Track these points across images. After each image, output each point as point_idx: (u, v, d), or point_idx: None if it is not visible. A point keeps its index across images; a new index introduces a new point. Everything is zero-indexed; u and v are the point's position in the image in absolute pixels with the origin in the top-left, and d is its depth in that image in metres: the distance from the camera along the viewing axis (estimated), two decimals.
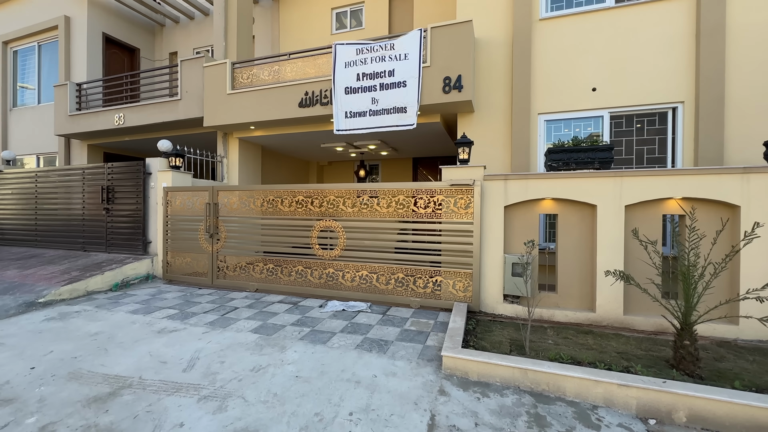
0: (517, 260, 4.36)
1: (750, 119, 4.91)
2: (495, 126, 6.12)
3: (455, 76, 5.69)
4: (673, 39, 5.27)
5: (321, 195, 5.22)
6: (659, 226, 4.04)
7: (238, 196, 5.75)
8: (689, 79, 5.20)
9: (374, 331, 4.01)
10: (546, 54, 5.83)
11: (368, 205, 4.97)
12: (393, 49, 6.04)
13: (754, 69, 4.91)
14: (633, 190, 4.01)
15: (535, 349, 3.39)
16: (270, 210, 5.53)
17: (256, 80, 7.13)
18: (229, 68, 7.22)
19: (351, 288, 5.08)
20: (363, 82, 6.20)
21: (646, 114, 5.53)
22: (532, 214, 4.49)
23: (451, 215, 4.60)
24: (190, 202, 6.10)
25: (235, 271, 5.80)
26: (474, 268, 4.51)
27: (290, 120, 6.93)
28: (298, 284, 5.38)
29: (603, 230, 4.10)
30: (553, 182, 4.29)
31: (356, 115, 6.26)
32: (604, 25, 5.58)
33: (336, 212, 5.16)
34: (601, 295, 4.11)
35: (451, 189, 4.60)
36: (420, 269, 4.77)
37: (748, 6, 4.92)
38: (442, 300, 4.66)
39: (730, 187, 3.72)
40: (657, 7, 5.36)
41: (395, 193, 4.84)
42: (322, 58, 6.66)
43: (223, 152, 8.18)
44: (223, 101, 7.29)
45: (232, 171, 8.12)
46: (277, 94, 6.82)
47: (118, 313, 4.66)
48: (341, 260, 5.14)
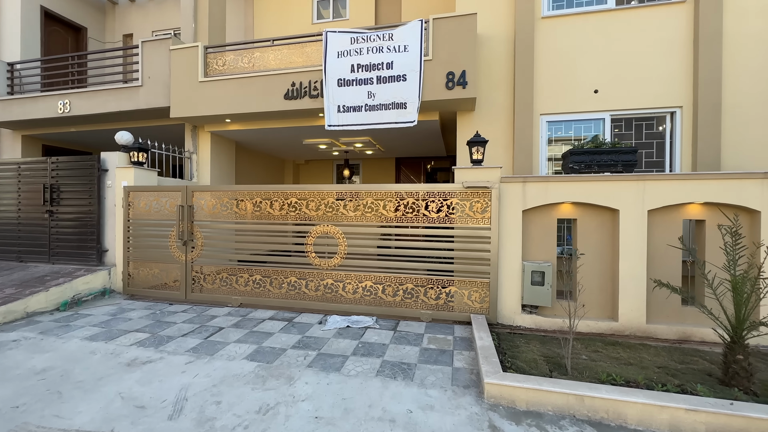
0: (537, 268, 4.10)
1: (744, 126, 5.04)
2: (496, 125, 5.88)
3: (459, 71, 5.36)
4: (672, 44, 5.31)
5: (318, 197, 4.66)
6: (679, 231, 3.94)
7: (219, 198, 5.02)
8: (687, 85, 5.26)
9: (391, 351, 3.54)
10: (548, 53, 5.68)
11: (372, 208, 4.49)
12: (392, 39, 5.60)
13: (749, 77, 5.04)
14: (656, 194, 3.88)
15: (574, 367, 3.12)
16: (257, 214, 4.87)
17: (233, 67, 6.37)
18: (201, 53, 6.39)
19: (353, 301, 4.57)
20: (358, 74, 5.70)
21: (645, 117, 5.55)
22: (550, 218, 4.25)
23: (467, 220, 4.25)
24: (157, 204, 5.26)
25: (214, 284, 5.06)
26: (492, 276, 4.18)
27: (274, 113, 6.26)
28: (290, 297, 4.77)
29: (626, 236, 3.94)
30: (574, 185, 4.07)
31: (350, 110, 5.74)
32: (605, 27, 5.52)
33: (335, 216, 4.62)
34: (624, 303, 3.95)
35: (466, 192, 4.24)
36: (431, 279, 4.37)
37: (744, 15, 5.05)
38: (455, 312, 4.30)
39: (751, 192, 3.69)
40: (657, 12, 5.37)
41: (404, 196, 4.41)
42: (310, 46, 6.06)
43: (192, 147, 7.29)
44: (194, 90, 6.45)
45: (203, 169, 7.25)
46: (259, 84, 6.12)
47: (72, 340, 3.81)
48: (342, 270, 4.61)
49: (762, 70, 5.01)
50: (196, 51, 6.42)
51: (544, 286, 4.09)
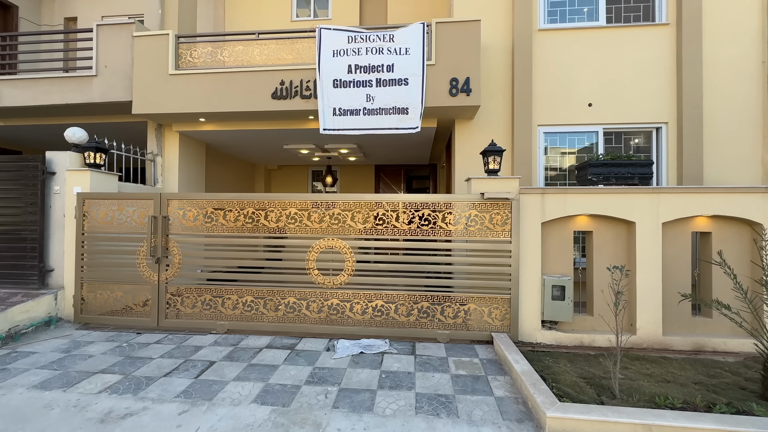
0: (557, 282, 3.98)
1: (720, 144, 5.40)
2: (494, 135, 5.79)
3: (463, 78, 5.20)
4: (658, 63, 5.59)
5: (323, 208, 4.19)
6: (688, 243, 4.04)
7: (201, 208, 4.34)
8: (672, 102, 5.55)
9: (420, 381, 3.18)
10: (545, 65, 5.72)
11: (384, 220, 4.12)
12: (392, 41, 5.31)
13: (724, 99, 5.43)
14: (669, 207, 3.94)
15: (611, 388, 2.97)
16: (249, 226, 4.27)
17: (212, 61, 5.68)
18: (172, 42, 5.63)
19: (362, 322, 4.14)
20: (356, 75, 5.32)
21: (633, 132, 5.77)
22: (567, 231, 4.17)
23: (486, 233, 4.03)
24: (122, 214, 4.44)
25: (194, 307, 4.34)
26: (512, 292, 3.99)
27: (259, 113, 5.66)
28: (288, 320, 4.22)
29: (642, 248, 3.96)
30: (592, 197, 4.03)
31: (347, 113, 5.34)
32: (597, 43, 5.69)
33: (342, 229, 4.18)
34: (642, 316, 3.95)
35: (485, 203, 4.03)
36: (449, 296, 4.07)
37: (720, 41, 5.44)
38: (474, 331, 4.04)
39: (754, 205, 3.86)
40: (643, 32, 5.64)
41: (418, 207, 4.09)
42: (301, 42, 5.58)
43: (157, 149, 6.40)
44: (163, 83, 5.65)
45: (170, 173, 6.39)
46: (243, 81, 5.50)
47: (14, 390, 2.98)
48: (349, 288, 4.16)
49: (735, 94, 5.42)
50: (166, 40, 5.64)
51: (565, 300, 3.97)
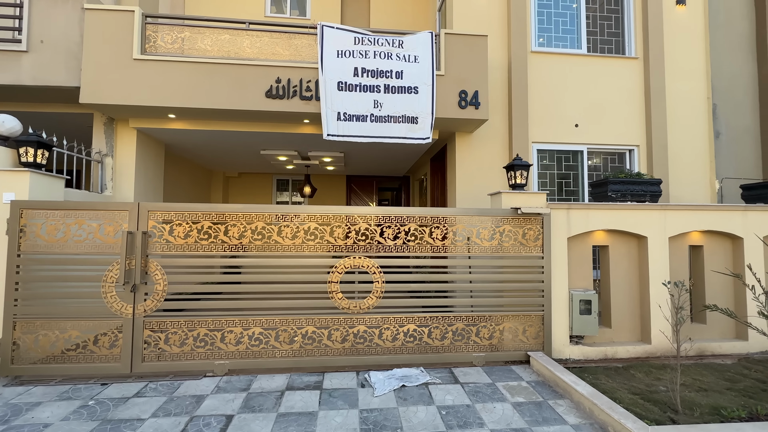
0: (584, 296, 4.02)
1: (681, 166, 6.13)
2: (493, 149, 5.85)
3: (472, 90, 5.17)
4: (631, 92, 6.20)
5: (348, 222, 3.71)
6: (686, 256, 4.41)
7: (194, 221, 3.54)
8: (642, 128, 6.18)
9: (486, 415, 2.89)
10: (538, 85, 5.97)
11: (416, 236, 3.79)
12: (401, 47, 5.08)
13: (682, 128, 6.20)
14: (674, 222, 4.27)
15: (668, 403, 3.03)
16: (258, 243, 3.60)
17: (190, 48, 4.83)
18: (138, 21, 4.67)
19: (392, 350, 3.71)
20: (363, 79, 4.96)
21: (610, 153, 6.29)
22: (586, 245, 4.28)
23: (519, 248, 3.93)
24: (81, 229, 3.43)
25: (183, 345, 3.48)
26: (545, 309, 3.93)
27: (249, 113, 4.95)
28: (306, 354, 3.61)
29: (653, 261, 4.21)
30: (611, 213, 4.19)
31: (353, 119, 4.93)
32: (581, 69, 6.13)
33: (369, 245, 3.74)
34: (656, 326, 4.16)
35: (518, 218, 3.94)
36: (484, 315, 3.86)
37: (676, 76, 6.23)
38: (509, 351, 3.88)
39: (736, 221, 4.37)
40: (619, 63, 6.23)
41: (452, 222, 3.85)
42: (299, 38, 5.05)
43: (106, 148, 5.22)
44: (124, 69, 4.64)
45: (122, 178, 5.25)
46: (230, 74, 4.77)
47: None
48: (377, 312, 3.72)
49: (690, 125, 6.23)
50: (130, 18, 4.66)
51: (591, 314, 4.03)
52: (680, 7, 6.36)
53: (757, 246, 4.37)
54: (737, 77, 6.42)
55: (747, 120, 6.40)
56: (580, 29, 6.26)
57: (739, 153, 6.33)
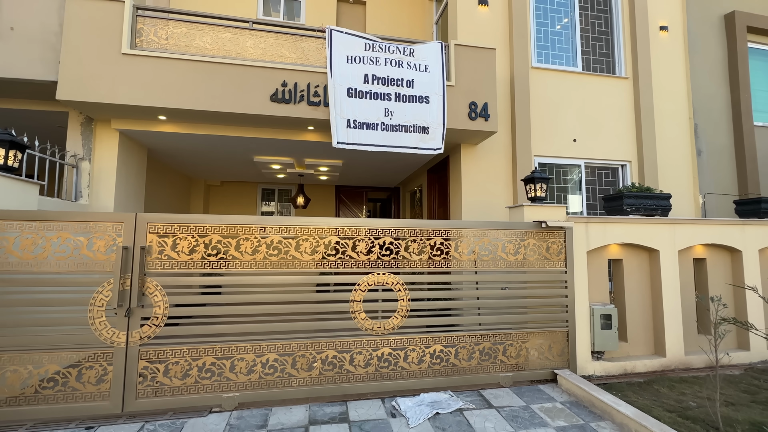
0: (604, 311, 3.99)
1: (670, 181, 6.42)
2: (497, 162, 5.83)
3: (481, 102, 5.13)
4: (622, 110, 6.45)
5: (371, 236, 3.46)
6: (691, 269, 4.53)
7: (201, 235, 3.14)
8: (634, 144, 6.43)
9: None
10: (539, 100, 6.06)
11: (442, 250, 3.60)
12: (412, 56, 4.97)
13: (668, 146, 6.52)
14: (682, 236, 4.38)
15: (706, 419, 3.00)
16: (274, 259, 3.25)
17: (186, 45, 4.44)
18: (128, 13, 4.23)
19: (417, 373, 3.46)
20: (373, 86, 4.78)
21: (604, 168, 6.48)
22: (602, 259, 4.28)
23: (544, 263, 3.85)
24: (63, 244, 2.93)
25: (186, 377, 3.04)
26: (570, 324, 3.85)
27: (251, 117, 4.59)
28: (326, 381, 3.27)
29: (665, 274, 4.27)
30: (626, 227, 4.22)
31: (364, 126, 4.72)
32: (578, 86, 6.31)
33: (395, 261, 3.50)
34: (669, 339, 4.21)
35: (542, 232, 3.87)
36: (511, 333, 3.71)
37: (662, 97, 6.58)
38: (535, 369, 3.74)
39: (734, 235, 4.55)
40: (610, 81, 6.48)
41: (480, 236, 3.70)
42: (306, 41, 4.80)
43: (83, 151, 4.65)
44: (111, 64, 4.16)
45: (101, 184, 4.68)
46: (231, 75, 4.41)
47: None
48: (403, 333, 3.46)
49: (675, 143, 6.57)
50: (119, 9, 4.21)
51: (612, 329, 3.99)
52: (663, 33, 6.76)
53: (755, 259, 4.57)
54: (714, 99, 6.89)
55: (724, 139, 6.85)
56: (575, 48, 6.48)
57: (718, 170, 6.73)
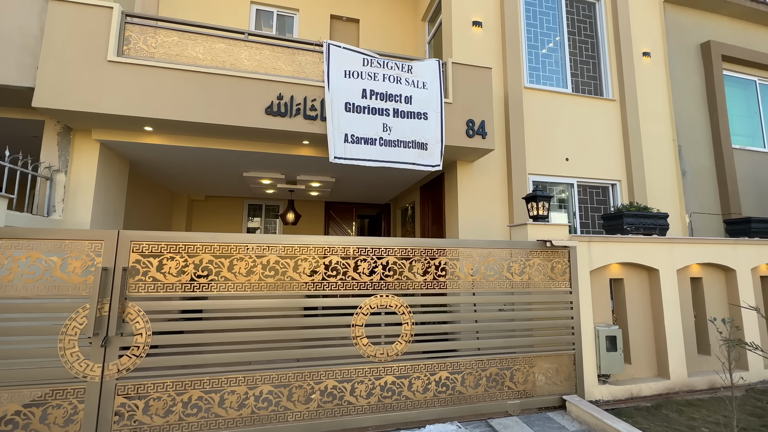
0: (609, 332, 3.90)
1: (658, 200, 6.55)
2: (493, 180, 5.81)
3: (478, 120, 5.12)
4: (611, 131, 6.60)
5: (375, 255, 3.28)
6: (689, 288, 4.54)
7: (192, 254, 2.89)
8: (623, 164, 6.56)
9: None
10: (532, 119, 6.13)
11: (447, 270, 3.45)
12: (411, 72, 4.94)
13: (655, 166, 6.69)
14: (680, 255, 4.39)
15: None
16: (270, 281, 3.02)
17: (178, 55, 4.25)
18: (116, 19, 4.03)
19: (422, 403, 3.23)
20: (371, 101, 4.70)
21: (595, 187, 6.56)
22: (604, 279, 4.22)
23: (549, 283, 3.75)
24: (33, 265, 2.62)
25: (169, 414, 2.71)
26: (576, 347, 3.73)
27: (245, 130, 4.40)
28: (324, 414, 3.00)
29: (665, 294, 4.25)
30: (627, 246, 4.20)
31: (361, 141, 4.60)
32: (569, 107, 6.44)
33: (398, 282, 3.32)
34: (672, 360, 4.14)
35: (547, 251, 3.78)
36: (517, 357, 3.55)
37: (648, 120, 6.79)
38: (543, 396, 3.58)
39: (727, 254, 4.61)
40: (599, 103, 6.65)
41: (486, 255, 3.57)
42: (303, 55, 4.70)
43: (60, 163, 4.32)
44: (95, 72, 3.92)
45: (78, 199, 4.34)
46: (226, 86, 4.24)
47: None
48: (407, 359, 3.25)
49: (661, 163, 6.75)
50: (107, 15, 4.01)
51: (617, 351, 3.90)
52: (646, 59, 7.05)
53: (748, 277, 4.63)
54: (695, 122, 7.17)
55: (706, 160, 7.10)
56: (565, 70, 6.64)
57: (702, 190, 6.94)
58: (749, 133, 7.88)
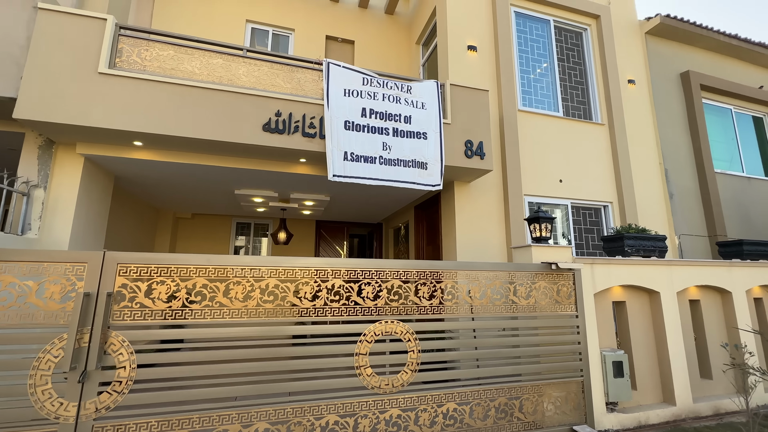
0: (615, 357, 3.81)
1: (649, 221, 6.65)
2: (489, 200, 5.79)
3: (477, 141, 5.14)
4: (602, 154, 6.75)
5: (379, 278, 3.12)
6: (688, 311, 4.53)
7: (184, 279, 2.67)
8: (614, 186, 6.68)
9: None
10: (527, 141, 6.20)
11: (453, 294, 3.32)
12: (410, 92, 4.95)
13: (645, 188, 6.84)
14: (679, 277, 4.40)
15: None
16: (269, 306, 2.81)
17: (173, 69, 4.11)
18: (110, 32, 3.89)
19: None
20: (371, 120, 4.65)
21: (588, 208, 6.63)
22: (607, 302, 4.17)
23: (555, 307, 3.66)
24: (5, 290, 2.36)
25: None
26: (585, 373, 3.61)
27: (242, 146, 4.26)
28: None
29: (667, 317, 4.21)
30: (630, 268, 4.19)
31: (361, 159, 4.51)
32: (561, 130, 6.56)
33: (403, 306, 3.16)
34: (678, 385, 4.07)
35: (552, 274, 3.71)
36: (526, 386, 3.40)
37: (636, 143, 6.98)
38: (554, 427, 3.42)
39: (722, 276, 4.65)
40: (589, 127, 6.82)
41: (492, 278, 3.47)
42: (302, 73, 4.65)
43: (38, 177, 4.05)
44: (83, 83, 3.74)
45: (57, 216, 4.05)
46: (223, 102, 4.11)
47: None
48: (413, 390, 3.05)
49: (650, 185, 6.92)
50: (100, 27, 3.87)
51: (624, 377, 3.80)
52: (631, 86, 7.32)
53: (743, 299, 4.66)
54: (679, 147, 7.42)
55: (690, 184, 7.32)
56: (556, 94, 6.82)
57: (688, 212, 7.11)
58: (727, 158, 8.21)
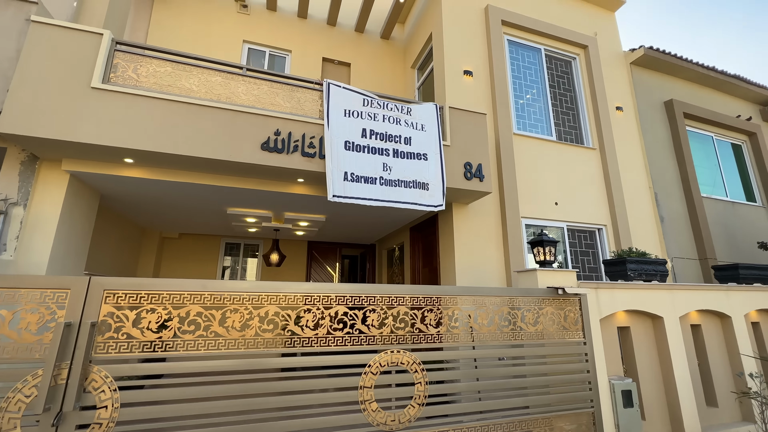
0: (624, 386, 3.70)
1: (642, 244, 6.72)
2: (487, 223, 5.75)
3: (476, 163, 5.14)
4: (594, 177, 6.86)
5: (385, 304, 2.97)
6: (690, 336, 4.48)
7: (177, 306, 2.47)
8: (607, 209, 6.76)
9: None
10: (522, 164, 6.26)
11: (461, 320, 3.18)
12: (410, 114, 4.95)
13: (637, 211, 6.95)
14: (680, 301, 4.37)
15: None
16: (267, 336, 2.62)
17: (170, 85, 4.01)
18: (105, 46, 3.78)
19: None
20: (371, 141, 4.61)
21: (583, 231, 6.67)
22: (612, 327, 4.09)
23: (562, 333, 3.55)
24: None
25: None
26: (595, 404, 3.47)
27: (239, 165, 4.12)
28: None
29: (672, 342, 4.15)
30: (633, 293, 4.14)
31: (362, 180, 4.43)
32: (555, 154, 6.67)
33: (410, 335, 3.00)
34: (686, 415, 3.96)
35: (559, 299, 3.62)
36: (537, 419, 3.23)
37: (626, 168, 7.14)
38: None
39: (721, 300, 4.65)
40: (581, 151, 6.95)
41: (499, 303, 3.35)
42: (302, 92, 4.61)
43: (18, 194, 3.80)
44: (74, 97, 3.58)
45: (37, 235, 3.79)
46: (221, 120, 4.01)
47: None
48: (421, 426, 2.85)
49: (641, 208, 7.03)
50: (95, 42, 3.76)
51: (634, 407, 3.67)
52: (619, 112, 7.57)
53: (743, 323, 4.66)
54: (667, 172, 7.63)
55: (679, 207, 7.48)
56: (549, 119, 6.97)
57: (678, 235, 7.23)
58: (711, 182, 8.48)
